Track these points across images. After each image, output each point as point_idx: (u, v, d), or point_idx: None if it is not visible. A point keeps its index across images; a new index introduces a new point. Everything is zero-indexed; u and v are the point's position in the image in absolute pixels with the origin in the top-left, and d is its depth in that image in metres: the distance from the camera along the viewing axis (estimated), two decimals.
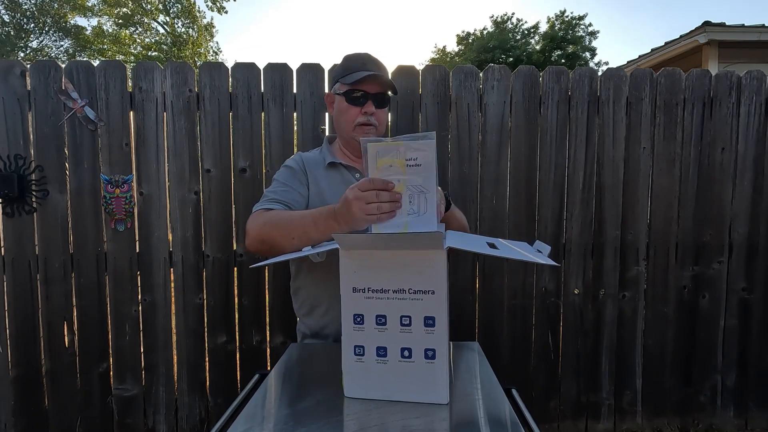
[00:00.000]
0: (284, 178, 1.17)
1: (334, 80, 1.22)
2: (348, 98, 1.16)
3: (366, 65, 1.17)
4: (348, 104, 1.17)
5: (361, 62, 1.18)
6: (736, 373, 1.97)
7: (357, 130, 1.17)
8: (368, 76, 1.13)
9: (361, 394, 0.76)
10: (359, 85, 1.15)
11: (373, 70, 1.16)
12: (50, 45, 15.52)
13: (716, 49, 5.44)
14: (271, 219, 1.04)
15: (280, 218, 1.03)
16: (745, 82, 1.90)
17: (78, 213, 1.73)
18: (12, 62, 1.69)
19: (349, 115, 1.17)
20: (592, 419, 1.95)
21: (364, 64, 1.17)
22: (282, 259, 0.91)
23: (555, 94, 1.85)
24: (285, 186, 1.15)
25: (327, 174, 1.19)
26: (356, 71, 1.15)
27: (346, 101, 1.17)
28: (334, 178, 1.19)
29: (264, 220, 1.04)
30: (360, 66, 1.16)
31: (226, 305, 1.80)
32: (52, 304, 1.73)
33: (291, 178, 1.17)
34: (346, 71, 1.17)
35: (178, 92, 1.74)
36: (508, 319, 1.90)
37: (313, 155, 1.25)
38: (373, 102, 1.16)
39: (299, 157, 1.23)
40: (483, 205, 1.85)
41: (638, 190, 1.90)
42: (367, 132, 1.17)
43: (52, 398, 1.76)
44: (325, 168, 1.20)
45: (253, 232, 1.04)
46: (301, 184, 1.16)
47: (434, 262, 0.71)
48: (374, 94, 1.16)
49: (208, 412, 1.82)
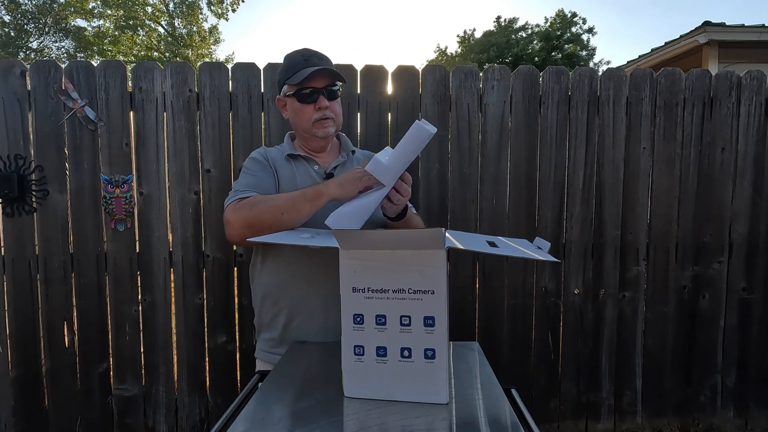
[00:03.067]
0: (253, 170, 1.18)
1: (280, 83, 1.21)
2: (299, 98, 1.15)
3: (309, 60, 1.15)
4: (300, 104, 1.16)
5: (302, 59, 1.16)
6: (736, 373, 1.97)
7: (316, 126, 1.17)
8: (314, 71, 1.12)
9: (361, 394, 0.76)
10: (307, 83, 1.13)
11: (316, 64, 1.14)
12: (50, 46, 15.54)
13: (716, 49, 5.44)
14: (255, 202, 1.05)
15: (264, 198, 1.05)
16: (745, 82, 1.90)
17: (78, 213, 1.73)
18: (12, 62, 1.69)
19: (304, 114, 1.17)
20: (592, 419, 1.95)
21: (306, 60, 1.16)
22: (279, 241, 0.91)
23: (555, 94, 1.85)
24: (255, 176, 1.15)
25: (288, 165, 1.20)
26: (300, 69, 1.14)
27: (298, 101, 1.16)
28: (294, 168, 1.20)
29: (248, 205, 1.05)
30: (302, 63, 1.15)
31: (226, 305, 1.80)
32: (52, 304, 1.73)
33: (259, 168, 1.18)
34: (290, 71, 1.15)
35: (178, 92, 1.74)
36: (508, 319, 1.90)
37: (274, 150, 1.26)
38: (324, 96, 1.16)
39: (263, 150, 1.24)
40: (483, 204, 1.85)
41: (638, 190, 1.90)
42: (325, 126, 1.17)
43: (52, 398, 1.76)
44: (285, 159, 1.21)
45: (237, 219, 1.04)
46: (268, 173, 1.17)
47: (434, 261, 0.71)
48: (324, 88, 1.15)
49: (208, 412, 1.82)
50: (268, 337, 1.20)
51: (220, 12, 16.75)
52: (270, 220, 1.00)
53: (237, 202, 1.07)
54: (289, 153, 1.21)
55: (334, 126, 1.19)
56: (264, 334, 1.22)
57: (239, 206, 1.06)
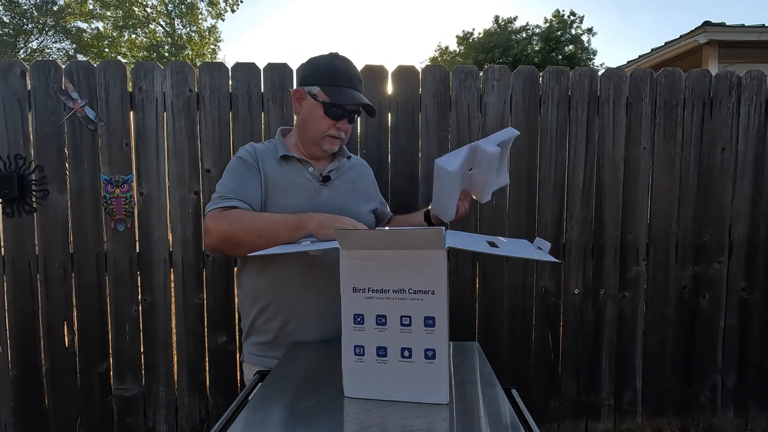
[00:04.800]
0: (239, 172, 1.15)
1: (312, 80, 1.15)
2: (326, 109, 1.14)
3: (352, 82, 1.15)
4: (324, 115, 1.14)
5: (348, 78, 1.14)
6: (736, 373, 1.97)
7: (325, 140, 1.16)
8: (354, 99, 1.12)
9: (361, 394, 0.76)
10: (343, 103, 1.13)
11: (359, 91, 1.15)
12: (50, 46, 15.54)
13: (716, 49, 5.44)
14: (234, 217, 1.03)
15: (245, 217, 1.03)
16: (745, 82, 1.90)
17: (78, 213, 1.73)
18: (12, 62, 1.69)
19: (322, 124, 1.15)
20: (592, 419, 1.95)
21: (351, 80, 1.15)
22: (279, 252, 0.91)
23: (555, 94, 1.85)
24: (240, 181, 1.13)
25: (279, 166, 1.17)
26: (343, 87, 1.13)
27: (323, 111, 1.14)
28: (286, 171, 1.17)
29: (227, 219, 1.03)
30: (347, 82, 1.14)
31: (226, 305, 1.80)
32: (52, 304, 1.73)
33: (245, 171, 1.15)
34: (332, 81, 1.13)
35: (178, 92, 1.74)
36: (508, 319, 1.90)
37: (265, 147, 1.22)
38: (347, 119, 1.16)
39: (251, 147, 1.21)
40: (483, 204, 1.85)
41: (638, 190, 1.90)
42: (334, 144, 1.17)
43: (52, 398, 1.76)
44: (277, 160, 1.18)
45: (215, 231, 1.03)
46: (254, 176, 1.14)
47: (434, 261, 0.71)
48: (351, 111, 1.16)
49: (208, 412, 1.82)
50: (259, 341, 1.17)
51: (218, 12, 16.76)
52: (247, 240, 0.99)
53: (219, 211, 1.05)
54: (283, 154, 1.18)
55: (340, 145, 1.20)
56: (254, 337, 1.19)
57: (220, 217, 1.04)
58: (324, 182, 1.18)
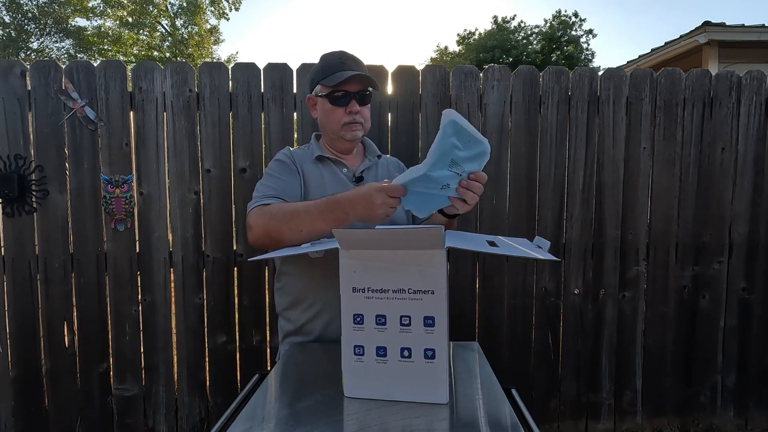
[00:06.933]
0: (278, 172, 1.17)
1: (313, 82, 1.21)
2: (331, 100, 1.17)
3: (345, 64, 1.17)
4: (332, 105, 1.17)
5: (339, 61, 1.17)
6: (736, 373, 1.97)
7: (344, 129, 1.18)
8: (350, 76, 1.13)
9: (361, 394, 0.76)
10: (341, 86, 1.15)
11: (353, 69, 1.16)
12: (51, 46, 15.54)
13: (716, 49, 5.44)
14: (277, 212, 1.03)
15: (286, 211, 1.03)
16: (745, 82, 1.90)
17: (78, 213, 1.73)
18: (12, 62, 1.69)
19: (334, 116, 1.18)
20: (592, 419, 1.95)
21: (343, 63, 1.17)
22: (281, 254, 0.91)
23: (555, 94, 1.85)
24: (280, 179, 1.15)
25: (315, 167, 1.20)
26: (336, 71, 1.15)
27: (330, 103, 1.17)
28: (323, 171, 1.20)
29: (270, 214, 1.04)
30: (339, 66, 1.16)
31: (226, 305, 1.80)
32: (52, 304, 1.73)
33: (284, 171, 1.17)
34: (325, 72, 1.17)
35: (178, 92, 1.74)
36: (508, 318, 1.90)
37: (301, 150, 1.25)
38: (356, 100, 1.17)
39: (288, 151, 1.24)
40: (483, 205, 1.85)
41: (638, 190, 1.90)
42: (354, 129, 1.18)
43: (52, 398, 1.76)
44: (313, 162, 1.21)
45: (258, 227, 1.04)
46: (294, 176, 1.17)
47: (434, 261, 0.71)
48: (356, 92, 1.17)
49: (208, 412, 1.82)
50: (301, 341, 1.17)
51: (221, 12, 16.76)
52: (288, 235, 0.99)
53: (262, 208, 1.06)
54: (318, 155, 1.21)
55: (362, 130, 1.20)
56: (295, 337, 1.18)
57: (265, 214, 1.04)
58: (357, 182, 1.21)
